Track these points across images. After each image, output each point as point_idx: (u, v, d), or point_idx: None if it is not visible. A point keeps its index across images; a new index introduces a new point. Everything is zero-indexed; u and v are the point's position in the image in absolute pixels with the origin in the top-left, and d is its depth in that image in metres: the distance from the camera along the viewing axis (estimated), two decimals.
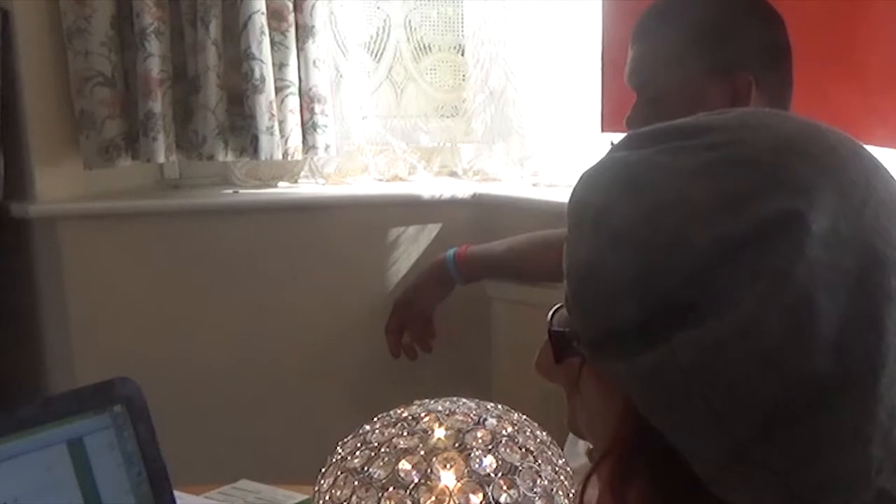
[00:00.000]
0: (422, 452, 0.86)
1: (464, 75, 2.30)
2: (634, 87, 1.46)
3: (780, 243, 0.53)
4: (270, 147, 2.06)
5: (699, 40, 1.39)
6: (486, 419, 0.90)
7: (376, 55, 2.29)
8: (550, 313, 0.66)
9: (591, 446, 0.66)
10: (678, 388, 0.55)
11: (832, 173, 0.56)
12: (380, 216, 2.20)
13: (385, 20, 2.29)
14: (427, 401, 0.93)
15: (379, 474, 0.86)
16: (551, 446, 0.92)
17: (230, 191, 2.24)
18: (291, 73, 2.08)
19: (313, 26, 2.08)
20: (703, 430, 0.54)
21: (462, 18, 2.29)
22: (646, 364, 0.55)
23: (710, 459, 0.55)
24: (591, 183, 0.62)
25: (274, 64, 2.06)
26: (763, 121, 0.61)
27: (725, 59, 1.38)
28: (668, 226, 0.56)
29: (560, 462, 0.91)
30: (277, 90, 2.07)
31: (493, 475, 0.86)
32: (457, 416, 0.90)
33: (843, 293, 0.53)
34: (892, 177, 0.59)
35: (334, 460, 0.90)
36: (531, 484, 0.87)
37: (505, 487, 0.85)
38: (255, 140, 2.05)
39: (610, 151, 0.64)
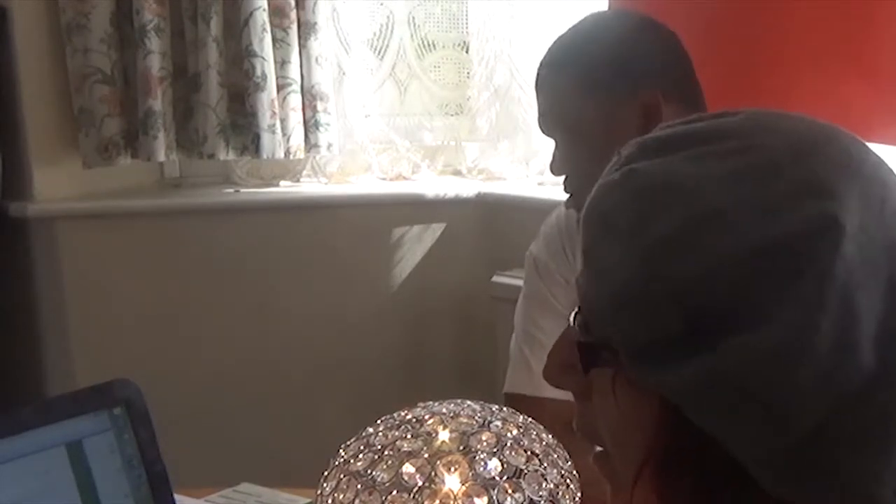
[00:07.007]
0: (426, 455, 0.86)
1: (468, 73, 2.29)
2: (547, 135, 1.45)
3: (818, 246, 0.55)
4: (272, 145, 2.05)
5: (597, 79, 1.38)
6: (490, 422, 0.89)
7: (379, 52, 2.29)
8: (572, 320, 0.65)
9: (599, 450, 0.65)
10: (730, 394, 0.56)
11: (852, 174, 0.58)
12: (383, 216, 2.19)
13: (388, 17, 2.28)
14: (431, 403, 0.93)
15: (382, 477, 0.85)
16: (557, 449, 0.91)
17: (231, 190, 2.23)
18: (293, 71, 2.08)
19: (315, 23, 2.08)
20: (758, 432, 0.56)
21: (466, 15, 2.28)
22: (694, 372, 0.56)
23: (768, 460, 0.56)
24: (614, 197, 0.61)
25: (276, 61, 2.05)
26: (774, 123, 0.62)
27: (627, 84, 1.37)
28: (706, 236, 0.57)
29: (566, 465, 0.91)
30: (279, 88, 2.06)
31: (497, 478, 0.85)
32: (461, 419, 0.89)
33: (877, 289, 0.55)
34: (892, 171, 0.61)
35: (337, 463, 0.89)
36: (536, 487, 0.86)
37: (510, 491, 0.85)
38: (256, 138, 2.05)
39: (622, 162, 0.62)
